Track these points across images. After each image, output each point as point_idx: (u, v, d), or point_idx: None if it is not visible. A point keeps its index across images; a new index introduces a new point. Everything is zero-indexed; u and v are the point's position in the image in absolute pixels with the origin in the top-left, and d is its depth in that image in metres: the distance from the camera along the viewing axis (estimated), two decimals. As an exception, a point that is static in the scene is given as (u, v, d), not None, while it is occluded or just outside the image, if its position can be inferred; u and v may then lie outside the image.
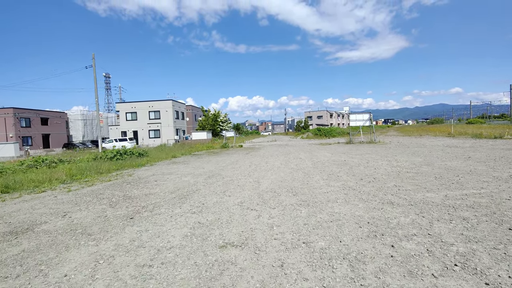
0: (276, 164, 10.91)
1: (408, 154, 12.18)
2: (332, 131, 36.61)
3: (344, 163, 10.15)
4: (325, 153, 14.57)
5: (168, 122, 38.24)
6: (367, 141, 21.91)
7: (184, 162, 13.77)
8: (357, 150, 15.15)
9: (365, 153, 13.30)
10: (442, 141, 19.85)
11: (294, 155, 14.31)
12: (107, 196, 6.34)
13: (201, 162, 13.05)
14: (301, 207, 4.68)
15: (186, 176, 8.97)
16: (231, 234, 3.62)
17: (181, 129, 41.43)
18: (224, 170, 9.84)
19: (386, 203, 4.65)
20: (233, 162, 12.30)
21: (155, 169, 11.35)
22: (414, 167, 8.37)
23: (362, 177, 7.22)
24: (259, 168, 10.01)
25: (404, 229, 3.47)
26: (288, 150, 17.70)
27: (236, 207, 4.92)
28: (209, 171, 9.77)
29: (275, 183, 6.94)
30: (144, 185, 7.66)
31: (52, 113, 45.05)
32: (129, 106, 39.08)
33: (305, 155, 13.76)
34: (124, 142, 34.98)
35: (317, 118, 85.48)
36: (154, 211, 4.89)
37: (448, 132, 29.91)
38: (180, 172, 9.87)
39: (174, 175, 9.19)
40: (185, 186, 7.13)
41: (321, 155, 13.31)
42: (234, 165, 11.19)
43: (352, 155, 12.83)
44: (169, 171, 10.46)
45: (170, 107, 38.23)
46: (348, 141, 22.50)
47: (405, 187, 5.74)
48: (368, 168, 8.63)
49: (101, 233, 3.91)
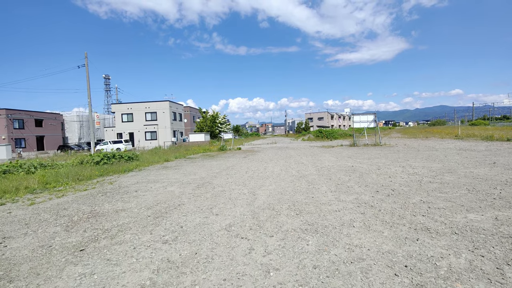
0: (276, 170, 9.77)
1: (422, 158, 11.04)
2: (334, 133, 35.48)
3: (352, 169, 9.02)
4: (329, 157, 13.44)
5: (165, 124, 37.14)
6: (372, 144, 20.78)
7: (176, 166, 12.65)
8: (364, 154, 14.01)
9: (373, 157, 12.16)
10: (452, 143, 18.70)
11: (296, 159, 13.17)
12: (70, 213, 5.21)
13: (194, 167, 11.92)
14: (307, 235, 3.54)
15: (172, 184, 7.84)
16: (208, 285, 2.49)
17: (178, 131, 40.33)
18: (217, 178, 8.71)
19: (420, 230, 3.51)
20: (228, 168, 11.17)
21: (142, 175, 10.22)
22: (435, 175, 7.23)
23: (377, 188, 6.09)
24: (257, 175, 8.87)
25: (465, 283, 2.33)
26: (289, 154, 16.57)
27: (222, 233, 3.78)
28: (200, 179, 8.64)
29: (274, 196, 5.80)
30: (121, 196, 6.53)
31: (47, 114, 44.00)
32: (125, 107, 38.01)
33: (307, 160, 12.62)
34: (119, 144, 33.89)
35: (317, 120, 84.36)
36: (116, 238, 3.76)
37: (455, 134, 28.77)
38: (168, 180, 8.74)
39: (160, 184, 8.06)
40: (167, 199, 6.00)
41: (325, 160, 12.17)
42: (229, 171, 10.07)
43: (359, 159, 11.70)
44: (156, 178, 9.34)
45: (167, 108, 37.16)
46: (352, 144, 21.36)
47: (436, 204, 4.60)
48: (382, 176, 7.49)
49: (27, 278, 2.78)
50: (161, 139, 36.77)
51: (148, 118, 37.54)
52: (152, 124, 37.27)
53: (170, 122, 37.26)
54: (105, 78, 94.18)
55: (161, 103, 37.40)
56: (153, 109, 37.40)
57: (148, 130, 37.36)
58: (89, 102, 26.30)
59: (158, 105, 37.36)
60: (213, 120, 40.42)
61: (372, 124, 21.67)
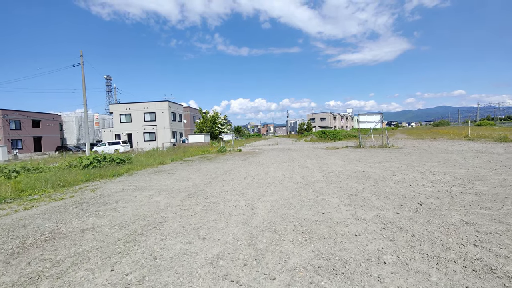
0: (278, 175, 8.78)
1: (439, 162, 10.01)
2: (338, 134, 34.43)
3: (364, 175, 8.01)
4: (335, 160, 12.42)
5: (164, 124, 36.25)
6: (379, 145, 19.73)
7: (170, 170, 11.69)
8: (373, 157, 12.98)
9: (384, 161, 11.14)
10: (464, 145, 17.63)
11: (300, 162, 12.17)
12: (26, 233, 4.25)
13: (189, 171, 10.96)
14: (323, 278, 2.55)
15: (160, 193, 6.87)
16: None
17: (178, 131, 39.43)
18: (212, 185, 7.73)
19: (481, 272, 2.51)
20: (225, 172, 10.18)
21: (131, 181, 9.26)
22: (464, 184, 6.21)
23: (400, 201, 5.08)
24: (256, 181, 7.89)
25: None
26: (292, 156, 15.57)
27: (206, 271, 2.80)
28: (192, 186, 7.66)
29: (276, 210, 4.81)
30: (96, 209, 5.57)
31: (44, 115, 43.25)
32: (123, 108, 37.16)
33: (312, 163, 11.62)
34: (116, 145, 33.03)
35: (320, 120, 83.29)
36: (63, 278, 2.78)
37: (463, 135, 27.66)
38: (157, 187, 7.78)
39: (147, 192, 7.10)
40: (148, 214, 5.02)
41: (331, 163, 11.17)
42: (226, 177, 9.08)
43: (369, 163, 10.68)
44: (145, 184, 8.38)
45: (166, 109, 36.26)
46: (358, 145, 20.33)
47: (485, 227, 3.59)
48: (401, 185, 6.48)
49: None
50: (160, 140, 35.88)
51: (147, 119, 36.67)
52: (150, 125, 36.39)
53: (169, 122, 36.37)
54: (106, 79, 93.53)
55: (160, 103, 36.52)
56: (152, 110, 36.52)
57: (147, 131, 36.48)
58: (84, 101, 25.43)
59: (157, 105, 36.48)
60: (213, 121, 39.47)
61: (379, 125, 20.63)
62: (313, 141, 34.83)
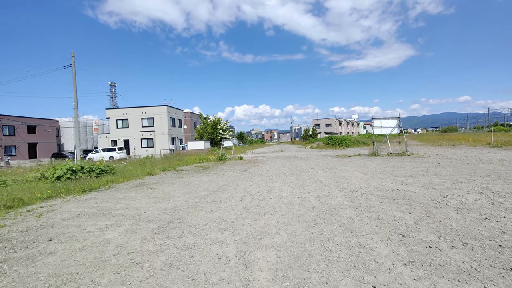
0: (285, 194, 6.74)
1: (489, 176, 7.88)
2: (346, 140, 32.27)
3: (403, 196, 5.94)
4: (353, 171, 10.34)
5: (162, 130, 34.49)
6: (397, 153, 17.59)
7: (154, 184, 9.75)
8: (398, 168, 10.88)
9: (415, 174, 9.03)
10: (495, 153, 15.41)
11: (310, 174, 10.12)
12: None
13: (176, 186, 8.98)
14: None
15: (121, 224, 4.88)
16: None
17: (177, 137, 37.63)
18: (197, 209, 5.73)
19: None
20: (219, 188, 8.17)
21: (99, 199, 7.30)
22: None
23: (494, 252, 3.02)
24: (256, 204, 5.86)
25: None
26: (300, 166, 13.51)
27: None
28: (171, 210, 5.67)
29: (287, 275, 2.78)
30: (5, 257, 3.59)
31: (40, 120, 41.85)
32: (120, 113, 35.55)
33: (326, 176, 9.55)
34: (112, 152, 31.32)
35: (325, 126, 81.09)
36: None
37: (486, 141, 25.37)
38: (124, 211, 5.80)
39: (104, 221, 5.11)
40: (72, 275, 3.03)
41: (350, 176, 9.09)
42: (218, 195, 7.07)
43: (399, 177, 8.58)
44: (113, 206, 6.41)
45: (165, 114, 34.55)
46: (372, 153, 18.19)
47: None
48: (469, 216, 4.39)
49: None
50: (158, 147, 34.08)
51: (145, 124, 34.96)
52: (148, 131, 34.65)
53: (168, 128, 34.60)
54: (111, 85, 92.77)
55: (158, 108, 34.84)
56: (150, 115, 34.84)
57: (145, 137, 34.73)
58: (75, 105, 23.78)
59: (155, 110, 34.80)
60: (214, 127, 37.61)
61: (395, 130, 18.51)
62: (320, 148, 32.70)
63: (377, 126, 18.83)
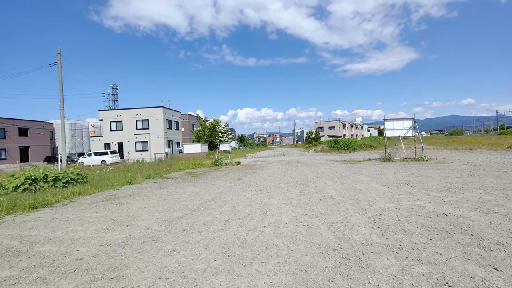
0: (285, 221, 4.86)
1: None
2: (352, 143, 30.31)
3: (458, 227, 4.04)
4: (370, 182, 8.44)
5: (158, 133, 32.76)
6: (413, 158, 15.65)
7: (126, 198, 7.94)
8: (425, 178, 8.96)
9: (452, 186, 7.12)
10: (529, 158, 13.43)
11: (317, 186, 8.24)
12: None
13: (149, 202, 7.15)
14: None
15: (16, 282, 3.05)
16: None
17: (174, 140, 35.88)
18: (153, 248, 3.86)
19: None
20: (199, 207, 6.32)
21: (41, 221, 5.48)
22: None
23: None
24: (242, 241, 3.98)
25: None
26: (303, 174, 11.64)
27: None
28: (114, 249, 3.82)
29: None
30: None
31: (33, 123, 40.36)
32: (113, 114, 33.90)
33: (336, 188, 7.67)
34: (104, 156, 29.64)
35: (328, 129, 79.06)
36: None
37: (507, 144, 23.32)
38: (47, 250, 3.98)
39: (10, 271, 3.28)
40: None
41: (368, 190, 7.19)
42: (193, 221, 5.22)
43: (433, 191, 6.67)
44: (47, 234, 4.60)
45: (160, 115, 32.85)
46: (384, 158, 16.27)
47: None
48: None
49: None
50: (154, 150, 32.34)
51: (139, 127, 33.25)
52: (143, 133, 32.94)
53: (163, 130, 32.87)
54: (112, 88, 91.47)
55: (154, 110, 33.15)
56: (145, 116, 33.15)
57: (139, 140, 33.01)
58: (60, 105, 22.12)
59: (151, 112, 33.11)
60: (212, 129, 35.79)
61: (410, 132, 16.58)
62: (324, 151, 30.76)
63: (389, 128, 16.90)
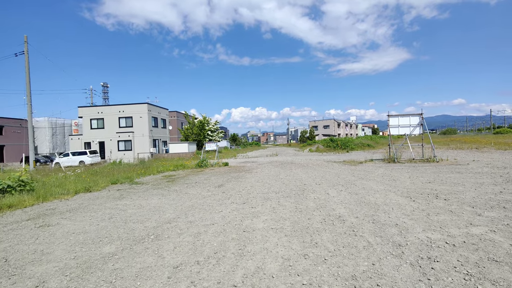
0: (273, 271, 2.92)
1: None
2: (349, 142, 28.60)
3: None
4: (386, 192, 6.57)
5: (142, 131, 30.49)
6: (421, 159, 13.93)
7: (63, 214, 5.92)
8: (453, 186, 7.13)
9: (500, 199, 5.29)
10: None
11: (317, 197, 6.33)
12: None
13: (89, 221, 5.13)
14: None
15: None
16: None
17: (160, 139, 33.64)
18: None
19: None
20: (154, 230, 4.32)
21: None
22: None
23: None
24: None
25: None
26: (299, 179, 9.74)
27: None
28: None
29: None
30: None
31: (9, 120, 37.60)
32: (94, 111, 31.47)
33: (344, 201, 5.77)
34: (82, 156, 27.25)
35: (323, 128, 77.56)
36: None
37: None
38: None
39: None
40: None
41: (387, 205, 5.31)
42: (132, 260, 3.23)
43: (480, 207, 4.83)
44: None
45: (145, 113, 30.58)
46: (389, 158, 14.50)
47: None
48: None
49: None
50: (138, 150, 30.08)
51: (122, 124, 30.91)
52: (126, 132, 30.62)
53: (148, 129, 30.62)
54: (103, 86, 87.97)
55: (138, 106, 30.85)
56: (128, 114, 30.82)
57: (122, 139, 30.68)
58: (28, 100, 19.77)
59: (134, 109, 30.80)
60: (201, 127, 33.64)
61: (417, 130, 14.86)
62: (319, 151, 28.97)
63: (393, 125, 15.14)
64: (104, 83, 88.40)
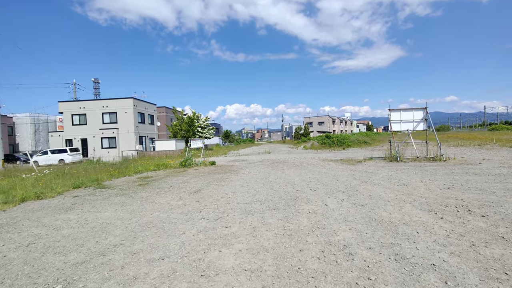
0: None
1: None
2: (346, 139, 27.34)
3: None
4: (399, 201, 5.21)
5: (127, 127, 28.75)
6: (425, 157, 12.68)
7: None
8: (481, 193, 5.80)
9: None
10: None
11: (313, 211, 4.93)
12: None
13: (5, 247, 3.62)
14: None
15: None
16: None
17: (148, 136, 31.93)
18: None
19: None
20: (68, 273, 2.84)
21: None
22: None
23: None
24: None
25: None
26: (292, 182, 8.34)
27: None
28: None
29: None
30: None
31: (-14, 116, 35.32)
32: (76, 106, 29.58)
33: (345, 217, 4.38)
34: (62, 154, 25.45)
35: (318, 125, 76.40)
36: None
37: (517, 140, 20.86)
38: None
39: None
40: None
41: (403, 221, 3.94)
42: None
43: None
44: None
45: (130, 108, 28.82)
46: (390, 157, 13.22)
47: None
48: None
49: None
50: (123, 147, 28.35)
51: (106, 120, 29.12)
52: (110, 128, 28.85)
53: (134, 125, 28.90)
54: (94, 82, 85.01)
55: (123, 101, 29.08)
56: (112, 109, 29.03)
57: (106, 136, 28.90)
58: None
59: (119, 104, 29.02)
60: (190, 123, 32.03)
61: (421, 126, 13.58)
62: (314, 148, 27.66)
63: (395, 120, 13.83)
64: (95, 79, 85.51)
